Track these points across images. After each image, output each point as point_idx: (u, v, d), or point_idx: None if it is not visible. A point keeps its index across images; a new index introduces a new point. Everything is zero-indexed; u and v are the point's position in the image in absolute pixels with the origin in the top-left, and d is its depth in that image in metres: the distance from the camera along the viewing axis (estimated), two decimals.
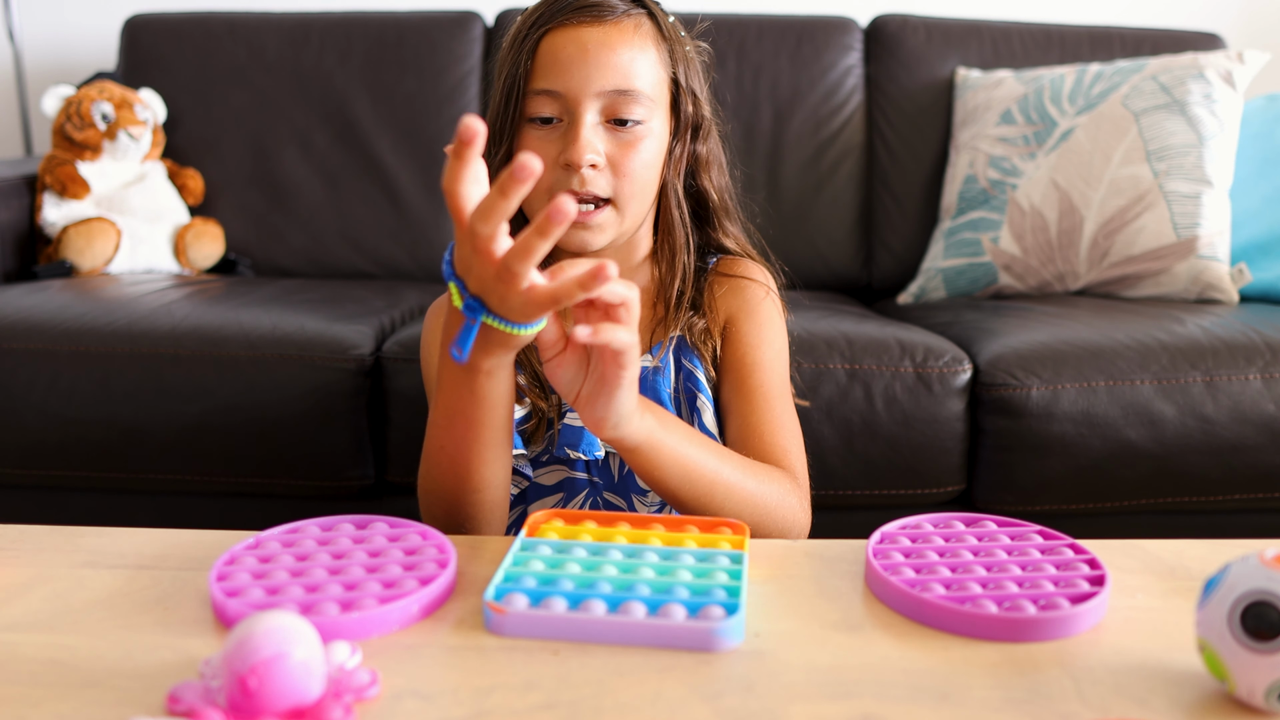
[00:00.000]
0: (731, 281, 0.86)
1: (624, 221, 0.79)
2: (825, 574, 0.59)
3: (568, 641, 0.50)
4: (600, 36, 0.76)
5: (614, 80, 0.76)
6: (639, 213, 0.81)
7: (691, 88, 0.83)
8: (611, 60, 0.76)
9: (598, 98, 0.76)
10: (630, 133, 0.77)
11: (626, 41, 0.77)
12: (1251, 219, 1.56)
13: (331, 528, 0.62)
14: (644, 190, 0.80)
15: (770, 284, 0.87)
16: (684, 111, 0.82)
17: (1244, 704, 0.45)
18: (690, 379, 0.83)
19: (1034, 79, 1.68)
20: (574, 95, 0.76)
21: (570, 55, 0.76)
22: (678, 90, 0.82)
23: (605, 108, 0.77)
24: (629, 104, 0.77)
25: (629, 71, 0.77)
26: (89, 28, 2.06)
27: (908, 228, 1.80)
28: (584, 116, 0.76)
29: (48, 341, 1.20)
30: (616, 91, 0.76)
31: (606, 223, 0.79)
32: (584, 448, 0.80)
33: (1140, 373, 1.19)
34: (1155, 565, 0.61)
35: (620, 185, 0.78)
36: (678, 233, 0.85)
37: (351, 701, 0.44)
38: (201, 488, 1.22)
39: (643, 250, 0.87)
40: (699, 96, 0.83)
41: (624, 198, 0.78)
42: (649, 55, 0.79)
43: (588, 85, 0.76)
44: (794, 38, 1.82)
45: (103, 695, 0.45)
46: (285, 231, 1.77)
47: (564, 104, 0.77)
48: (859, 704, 0.45)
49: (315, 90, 1.78)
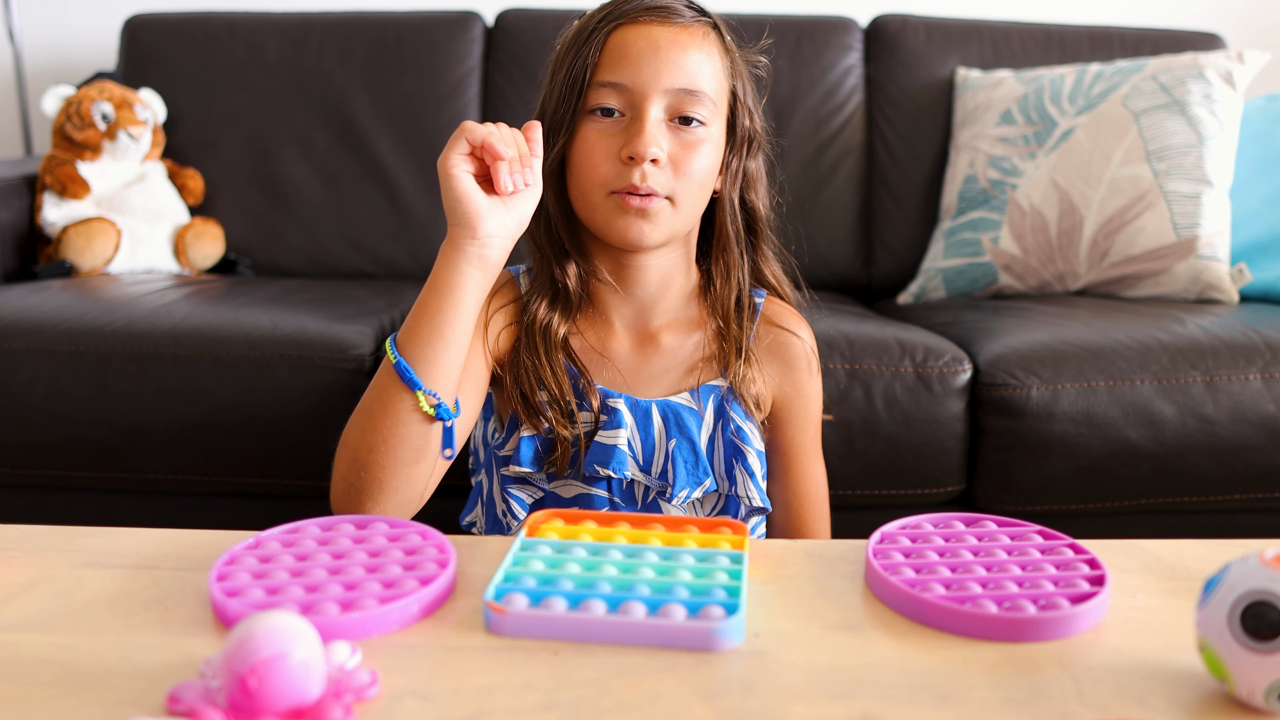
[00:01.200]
0: (778, 335, 0.87)
1: (677, 221, 0.80)
2: (825, 574, 0.59)
3: (568, 641, 0.50)
4: (671, 35, 0.78)
5: (682, 79, 0.77)
6: (690, 216, 0.82)
7: (748, 103, 0.84)
8: (681, 59, 0.77)
9: (665, 94, 0.77)
10: (692, 133, 0.78)
11: (696, 44, 0.78)
12: (1251, 219, 1.56)
13: (331, 528, 0.62)
14: (699, 194, 0.80)
15: (812, 340, 0.89)
16: (740, 124, 0.83)
17: (1244, 704, 0.45)
18: (738, 433, 0.83)
19: (1034, 79, 1.68)
20: (642, 89, 0.77)
21: (641, 50, 0.77)
22: (735, 103, 0.83)
23: (671, 105, 0.77)
24: (694, 104, 0.77)
25: (696, 73, 0.77)
26: (89, 28, 2.06)
27: (908, 228, 1.80)
28: (649, 111, 0.76)
29: (48, 341, 1.20)
30: (684, 90, 0.77)
31: (664, 214, 0.79)
32: (614, 465, 0.80)
33: (1140, 373, 1.19)
34: (1155, 565, 0.61)
35: (679, 185, 0.78)
36: (733, 248, 0.86)
37: (351, 701, 0.44)
38: (201, 488, 1.22)
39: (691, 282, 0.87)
40: (754, 112, 0.85)
41: (681, 196, 0.79)
42: (714, 62, 0.80)
43: (657, 80, 0.76)
44: (794, 38, 1.82)
45: (103, 695, 0.45)
46: (285, 231, 1.77)
47: (629, 98, 0.77)
48: (859, 704, 0.45)
49: (315, 90, 1.78)
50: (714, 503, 0.84)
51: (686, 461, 0.81)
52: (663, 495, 0.82)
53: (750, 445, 0.82)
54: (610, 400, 0.82)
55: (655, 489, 0.82)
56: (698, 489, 0.81)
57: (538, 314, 0.82)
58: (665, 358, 0.85)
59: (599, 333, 0.86)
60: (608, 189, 0.78)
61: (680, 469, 0.80)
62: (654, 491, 0.82)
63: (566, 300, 0.83)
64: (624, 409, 0.82)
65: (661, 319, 0.86)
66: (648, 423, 0.82)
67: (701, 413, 0.83)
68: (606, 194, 0.78)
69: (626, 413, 0.81)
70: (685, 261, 0.87)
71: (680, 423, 0.82)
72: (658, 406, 0.82)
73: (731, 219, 0.85)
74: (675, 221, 0.80)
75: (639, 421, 0.82)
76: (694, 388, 0.83)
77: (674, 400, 0.83)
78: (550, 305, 0.83)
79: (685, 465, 0.81)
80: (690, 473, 0.81)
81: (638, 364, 0.85)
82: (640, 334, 0.86)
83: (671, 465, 0.81)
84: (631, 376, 0.84)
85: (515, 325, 0.84)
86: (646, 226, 0.78)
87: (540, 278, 0.85)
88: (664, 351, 0.85)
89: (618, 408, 0.82)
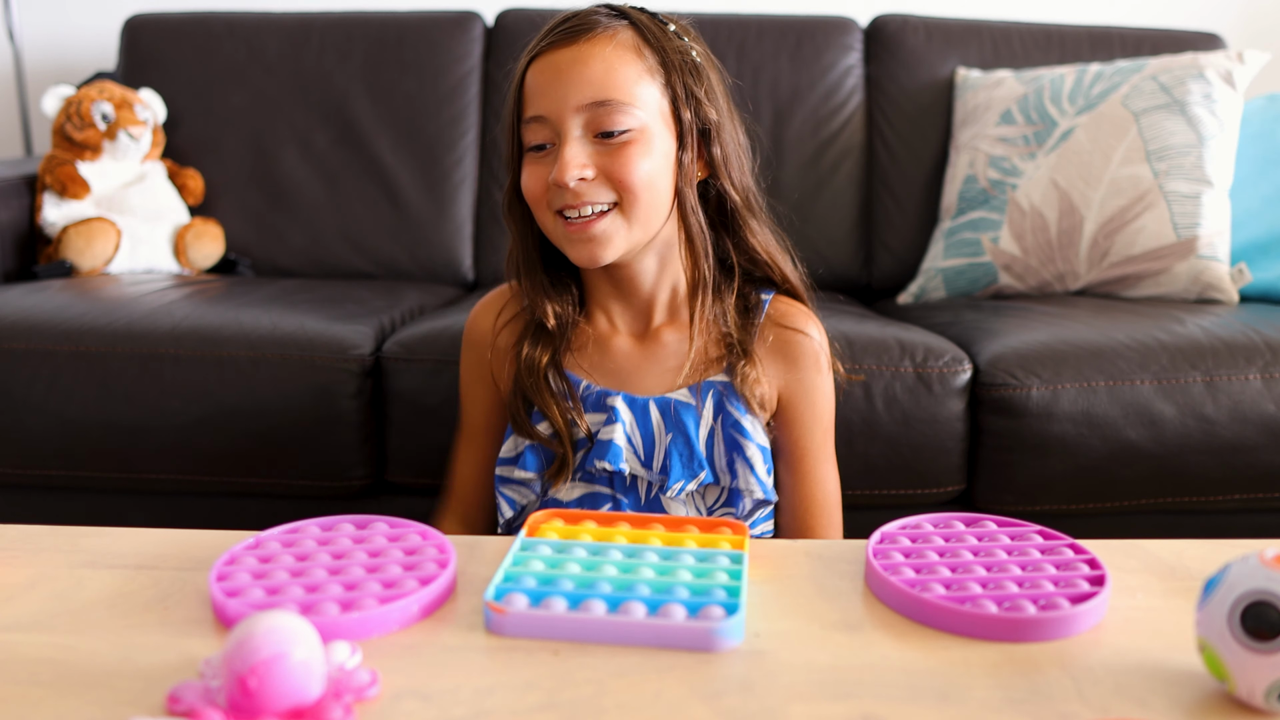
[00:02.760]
0: (784, 334, 0.87)
1: (633, 229, 0.80)
2: (825, 574, 0.59)
3: (568, 641, 0.50)
4: (573, 55, 0.78)
5: (590, 93, 0.77)
6: (650, 221, 0.81)
7: (691, 92, 0.82)
8: (585, 74, 0.77)
9: (578, 113, 0.77)
10: (618, 141, 0.78)
11: (599, 54, 0.78)
12: (1251, 219, 1.56)
13: (331, 528, 0.62)
14: (651, 198, 0.80)
15: (823, 338, 0.89)
16: (684, 118, 0.81)
17: (1244, 704, 0.45)
18: (736, 427, 0.83)
19: (1034, 79, 1.68)
20: (556, 115, 0.78)
21: (548, 79, 0.78)
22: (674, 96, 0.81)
23: (588, 122, 0.78)
24: (611, 114, 0.77)
25: (605, 83, 0.77)
26: (89, 28, 2.05)
27: (908, 228, 1.80)
28: (568, 134, 0.77)
29: (48, 341, 1.20)
30: (595, 104, 0.77)
31: (612, 229, 0.79)
32: (610, 458, 0.81)
33: (1140, 373, 1.19)
34: (1155, 565, 0.61)
35: (622, 194, 0.78)
36: (697, 241, 0.85)
37: (351, 701, 0.44)
38: (201, 488, 1.22)
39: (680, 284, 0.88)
40: (701, 99, 0.82)
41: (628, 202, 0.79)
42: (629, 65, 0.79)
43: (566, 103, 0.77)
44: (794, 38, 1.82)
45: (103, 695, 0.45)
46: (285, 231, 1.77)
47: (552, 127, 0.78)
48: (859, 704, 0.45)
49: (315, 90, 1.78)
50: (717, 495, 0.85)
51: (681, 455, 0.82)
52: (662, 489, 0.83)
53: (750, 439, 0.83)
54: (608, 399, 0.84)
55: (656, 483, 0.83)
56: (692, 481, 0.82)
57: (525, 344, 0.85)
58: (666, 356, 0.86)
59: (602, 332, 0.88)
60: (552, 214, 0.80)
61: (675, 463, 0.82)
62: (655, 486, 0.83)
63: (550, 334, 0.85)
64: (621, 405, 0.83)
65: (661, 318, 0.88)
66: (646, 419, 0.83)
67: (700, 409, 0.83)
68: (555, 218, 0.80)
69: (624, 409, 0.83)
70: (673, 260, 0.87)
71: (678, 418, 0.83)
72: (656, 404, 0.83)
73: (692, 212, 0.84)
74: (632, 231, 0.80)
75: (638, 418, 0.83)
76: (694, 383, 0.84)
77: (672, 396, 0.84)
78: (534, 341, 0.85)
79: (680, 459, 0.82)
80: (685, 466, 0.82)
81: (638, 361, 0.86)
82: (640, 332, 0.88)
83: (668, 459, 0.82)
84: (633, 374, 0.86)
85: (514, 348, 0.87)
86: (596, 247, 0.79)
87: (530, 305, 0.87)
88: (664, 349, 0.86)
89: (615, 405, 0.83)
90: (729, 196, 0.86)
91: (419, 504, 1.06)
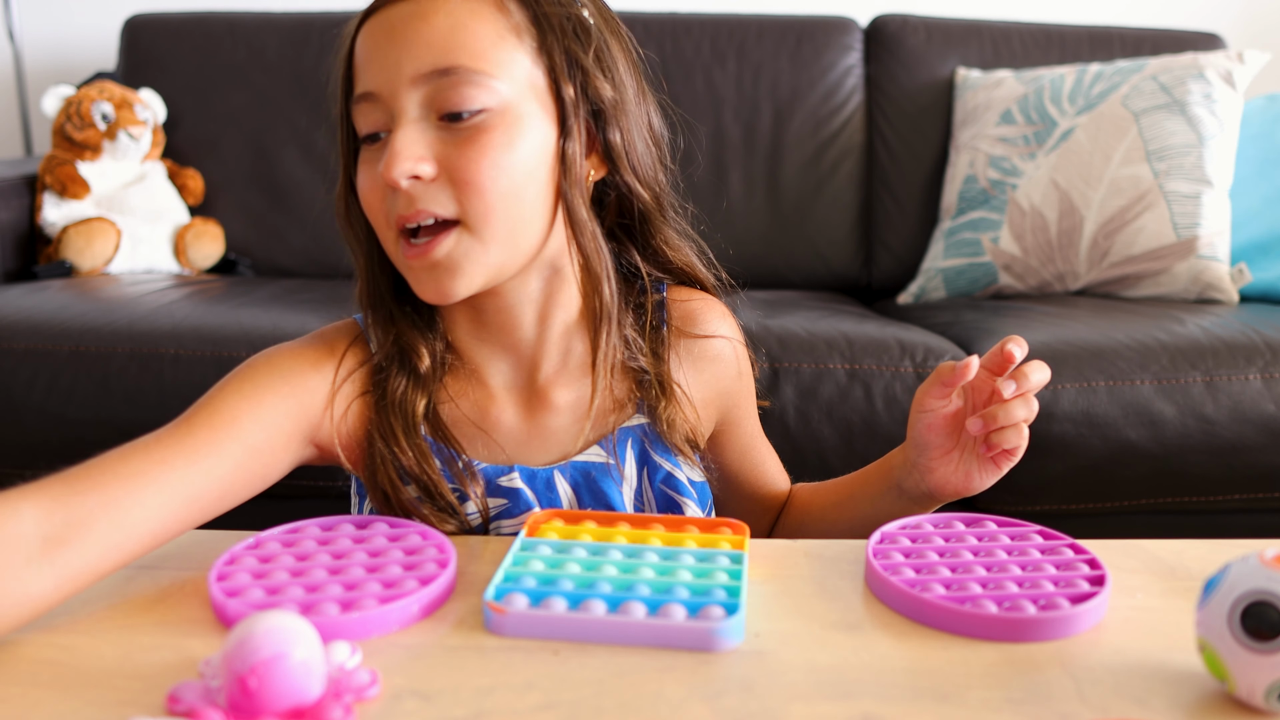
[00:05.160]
0: (695, 346, 0.70)
1: (490, 249, 0.60)
2: (825, 574, 0.59)
3: (568, 641, 0.50)
4: (410, 9, 0.58)
5: (429, 58, 0.58)
6: (516, 237, 0.61)
7: (576, 60, 0.61)
8: (424, 34, 0.58)
9: (414, 85, 0.58)
10: (470, 126, 0.58)
11: (443, 6, 0.58)
12: (1251, 219, 1.56)
13: (331, 528, 0.62)
14: (509, 205, 0.59)
15: (735, 330, 0.73)
16: (566, 96, 0.61)
17: (1244, 704, 0.45)
18: (668, 481, 0.68)
19: (1034, 79, 1.68)
20: (387, 90, 0.59)
21: (377, 43, 0.59)
22: (553, 66, 0.61)
23: (428, 98, 0.58)
24: (458, 87, 0.57)
25: (451, 43, 0.58)
26: (89, 28, 2.05)
27: (908, 228, 1.80)
28: (402, 113, 0.58)
29: (48, 341, 1.20)
30: (436, 72, 0.57)
31: (459, 252, 0.59)
32: None
33: (1140, 373, 1.19)
34: (1155, 565, 0.61)
35: (468, 200, 0.58)
36: (594, 262, 0.64)
37: (351, 701, 0.44)
38: None
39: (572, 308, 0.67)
40: (590, 70, 0.62)
41: (476, 215, 0.59)
42: (484, 21, 0.59)
43: (399, 72, 0.58)
44: (794, 38, 1.82)
45: (103, 695, 0.45)
46: (285, 231, 1.77)
47: (384, 108, 0.59)
48: (859, 704, 0.45)
49: (315, 90, 1.78)
50: None
51: None
52: None
53: (685, 492, 0.68)
54: (502, 480, 0.65)
55: None
56: None
57: (389, 388, 0.64)
58: (562, 412, 0.67)
59: (473, 399, 0.67)
60: (393, 231, 0.61)
61: None
62: None
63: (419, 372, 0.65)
64: (522, 485, 0.65)
65: (550, 366, 0.67)
66: (551, 494, 0.65)
67: (620, 467, 0.66)
68: (397, 239, 0.61)
69: (527, 489, 0.65)
70: (564, 284, 0.66)
71: (593, 487, 0.66)
72: (561, 473, 0.66)
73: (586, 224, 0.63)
74: (489, 252, 0.60)
75: (540, 494, 0.65)
76: (606, 436, 0.66)
77: (581, 460, 0.66)
78: (401, 374, 0.64)
79: None
80: None
81: (529, 429, 0.67)
82: (526, 392, 0.67)
83: None
84: (523, 445, 0.66)
85: (368, 396, 0.65)
86: (443, 277, 0.59)
87: (385, 344, 0.65)
88: (559, 406, 0.67)
89: (515, 486, 0.65)
90: (636, 196, 0.65)
91: None
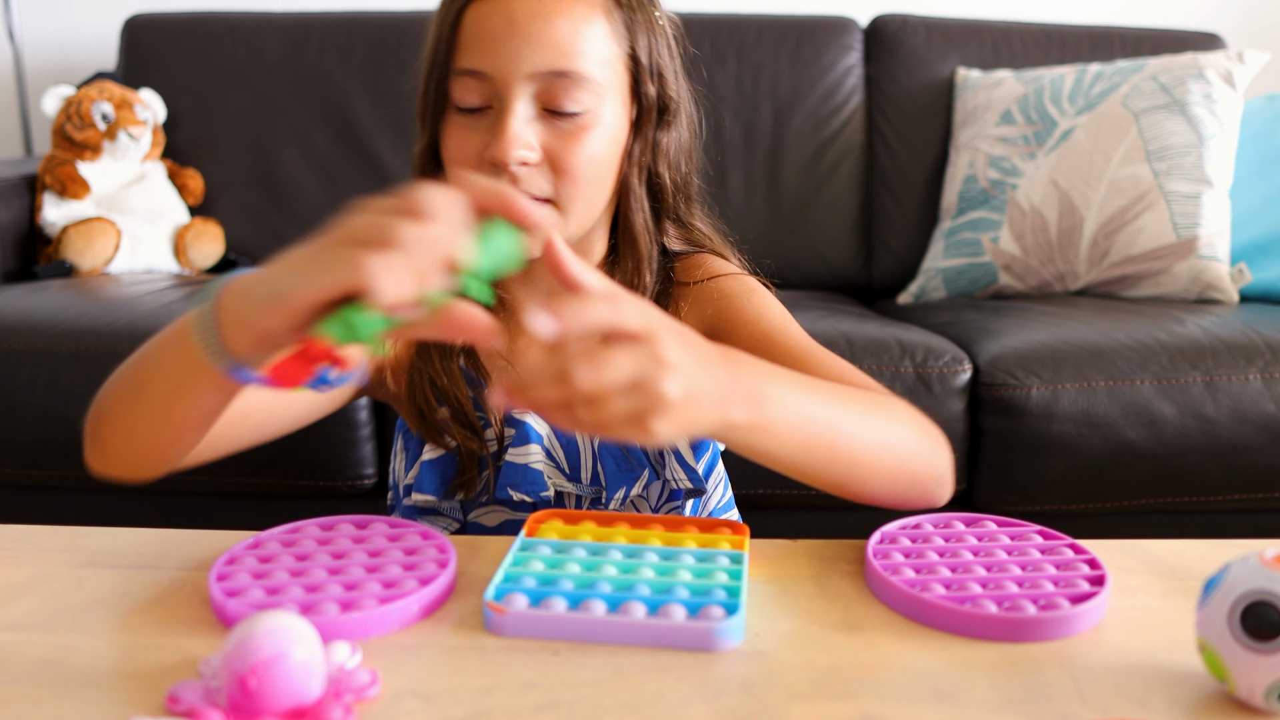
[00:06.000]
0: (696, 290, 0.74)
1: (568, 226, 0.67)
2: (825, 574, 0.59)
3: (568, 641, 0.50)
4: (533, 5, 0.63)
5: (550, 59, 0.63)
6: (587, 217, 0.69)
7: (658, 65, 0.69)
8: (546, 34, 0.63)
9: (530, 80, 0.63)
10: (573, 123, 0.64)
11: (566, 11, 0.63)
12: (1251, 219, 1.56)
13: (331, 528, 0.62)
14: (592, 191, 0.67)
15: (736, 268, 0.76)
16: (646, 94, 0.68)
17: (1244, 704, 0.45)
18: None
19: (1034, 79, 1.68)
20: (502, 77, 0.63)
21: (497, 28, 0.63)
22: (638, 69, 0.68)
23: (541, 93, 0.64)
24: (570, 89, 0.63)
25: (570, 48, 0.63)
26: (89, 28, 2.05)
27: (908, 228, 1.80)
28: (514, 104, 0.63)
29: (48, 341, 1.20)
30: (554, 73, 0.63)
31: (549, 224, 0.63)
32: (528, 488, 0.70)
33: (1140, 373, 1.19)
34: (1155, 565, 0.61)
35: (562, 185, 0.65)
36: (642, 242, 0.71)
37: (351, 701, 0.44)
38: (201, 488, 1.22)
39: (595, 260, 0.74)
40: (665, 75, 0.70)
41: (567, 199, 0.66)
42: (597, 27, 0.65)
43: (517, 65, 0.63)
44: (794, 38, 1.82)
45: (103, 695, 0.45)
46: (285, 231, 1.77)
47: (492, 88, 0.64)
48: (859, 704, 0.45)
49: (315, 90, 1.78)
50: (659, 493, 0.74)
51: (616, 458, 0.72)
52: (598, 501, 0.73)
53: None
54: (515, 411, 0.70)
55: (589, 496, 0.73)
56: (635, 485, 0.72)
57: None
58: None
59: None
60: None
61: (609, 467, 0.72)
62: (587, 500, 0.73)
63: None
64: (533, 420, 0.71)
65: None
66: None
67: None
68: None
69: (537, 423, 0.71)
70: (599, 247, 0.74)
71: None
72: None
73: (639, 209, 0.70)
74: (567, 227, 0.67)
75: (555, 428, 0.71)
76: None
77: None
78: None
79: (615, 462, 0.72)
80: (622, 470, 0.72)
81: None
82: None
83: (601, 465, 0.72)
84: None
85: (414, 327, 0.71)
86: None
87: None
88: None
89: (524, 420, 0.71)
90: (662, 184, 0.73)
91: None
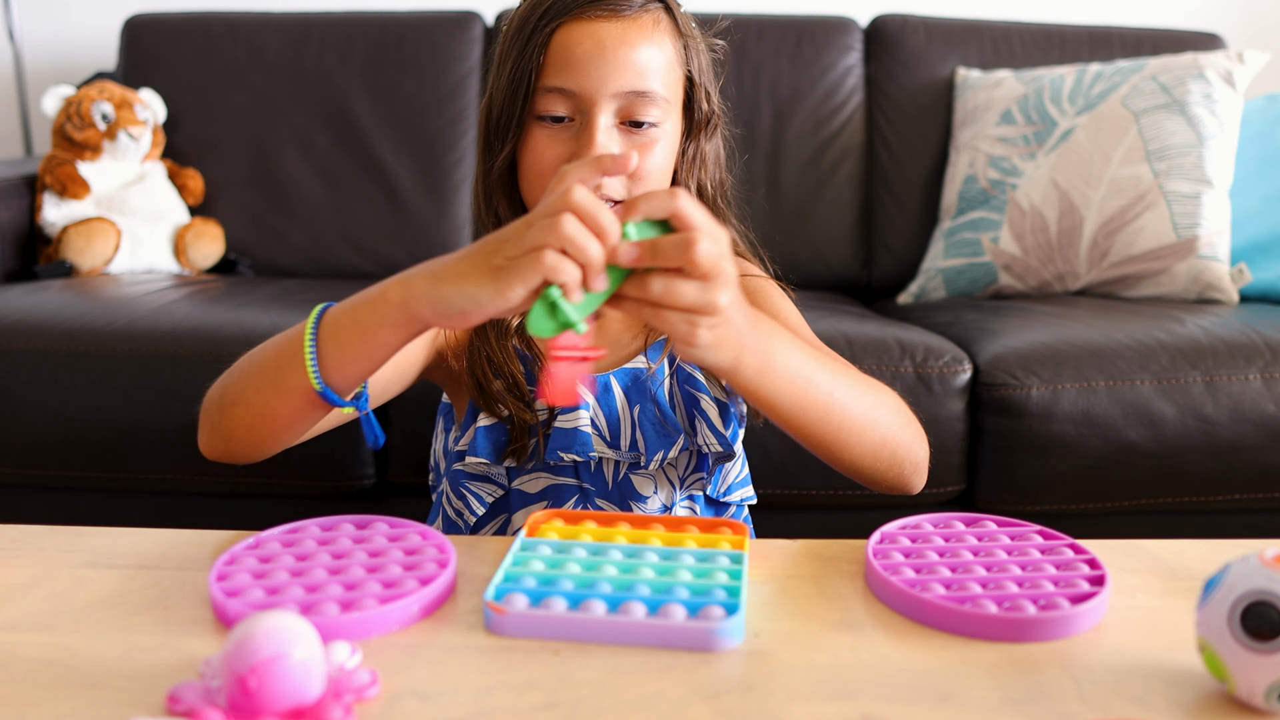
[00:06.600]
0: None
1: None
2: (825, 574, 0.59)
3: (568, 641, 0.50)
4: (618, 33, 0.73)
5: (631, 81, 0.73)
6: None
7: (705, 85, 0.80)
8: (630, 59, 0.72)
9: (614, 99, 0.73)
10: (645, 135, 0.74)
11: (645, 38, 0.74)
12: (1251, 219, 1.56)
13: (332, 528, 0.62)
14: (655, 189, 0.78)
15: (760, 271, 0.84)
16: (699, 110, 0.79)
17: (1244, 704, 0.45)
18: (689, 381, 0.80)
19: (1034, 79, 1.68)
20: (589, 95, 0.73)
21: (586, 52, 0.72)
22: (692, 87, 0.79)
23: (621, 109, 0.74)
24: (645, 105, 0.73)
25: (646, 71, 0.73)
26: (89, 28, 2.06)
27: (908, 228, 1.80)
28: (599, 119, 0.73)
29: (48, 341, 1.20)
30: (634, 93, 0.73)
31: None
32: (578, 449, 0.77)
33: (1140, 373, 1.19)
34: (1155, 565, 0.61)
35: (635, 189, 0.75)
36: None
37: (351, 701, 0.44)
38: (201, 488, 1.22)
39: None
40: (711, 92, 0.81)
41: None
42: (666, 53, 0.75)
43: (604, 85, 0.72)
44: (794, 38, 1.82)
45: (103, 695, 0.45)
46: (285, 231, 1.77)
47: (577, 103, 0.73)
48: (859, 704, 0.45)
49: (315, 90, 1.78)
50: (687, 461, 0.81)
51: (654, 424, 0.79)
52: (636, 466, 0.79)
53: (704, 390, 0.80)
54: None
55: (627, 461, 0.79)
56: (672, 449, 0.78)
57: None
58: (616, 326, 0.82)
59: None
60: None
61: (650, 433, 0.78)
62: (624, 466, 0.80)
63: None
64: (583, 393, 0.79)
65: None
66: (608, 396, 0.79)
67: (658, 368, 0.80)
68: None
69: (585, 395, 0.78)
70: None
71: (640, 387, 0.79)
72: (616, 377, 0.80)
73: None
74: None
75: (599, 397, 0.79)
76: (644, 349, 0.80)
77: (630, 366, 0.80)
78: None
79: (654, 428, 0.78)
80: (660, 435, 0.78)
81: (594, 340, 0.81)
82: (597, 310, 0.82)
83: (640, 432, 0.79)
84: None
85: None
86: None
87: None
88: (614, 320, 0.82)
89: None
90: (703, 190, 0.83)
91: (420, 504, 1.05)
